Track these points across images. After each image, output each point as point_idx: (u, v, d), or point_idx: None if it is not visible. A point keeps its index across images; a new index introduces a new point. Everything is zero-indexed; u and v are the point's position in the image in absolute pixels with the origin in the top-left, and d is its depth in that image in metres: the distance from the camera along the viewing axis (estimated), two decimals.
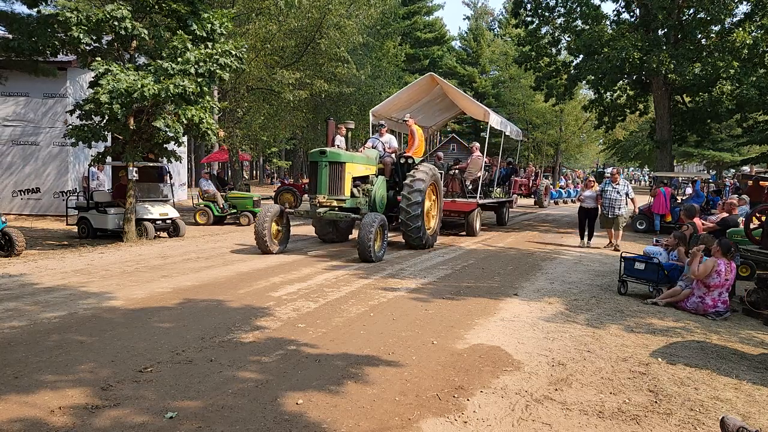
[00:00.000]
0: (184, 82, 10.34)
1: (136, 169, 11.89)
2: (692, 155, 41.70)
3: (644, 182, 67.58)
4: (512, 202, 19.64)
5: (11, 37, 11.36)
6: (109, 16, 10.50)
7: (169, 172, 14.35)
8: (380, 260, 9.68)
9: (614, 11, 20.24)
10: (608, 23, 19.84)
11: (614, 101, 22.12)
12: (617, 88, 21.29)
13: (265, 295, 6.92)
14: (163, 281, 7.60)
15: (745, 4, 17.31)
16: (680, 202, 16.60)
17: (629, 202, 12.26)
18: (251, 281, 7.73)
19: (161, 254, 10.02)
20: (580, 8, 19.20)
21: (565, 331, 5.74)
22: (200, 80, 10.83)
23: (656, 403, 3.99)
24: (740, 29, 16.09)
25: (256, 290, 7.18)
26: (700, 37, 18.04)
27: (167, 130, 11.54)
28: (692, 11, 17.50)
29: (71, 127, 11.26)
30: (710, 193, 18.46)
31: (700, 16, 17.22)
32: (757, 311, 6.73)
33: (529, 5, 20.63)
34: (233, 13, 14.58)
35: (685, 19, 17.72)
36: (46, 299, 6.44)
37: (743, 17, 17.25)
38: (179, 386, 3.99)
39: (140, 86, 10.08)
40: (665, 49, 17.11)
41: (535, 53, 21.13)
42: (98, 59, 10.85)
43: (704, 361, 4.95)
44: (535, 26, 20.96)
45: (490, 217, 17.60)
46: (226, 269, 8.60)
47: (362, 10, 24.31)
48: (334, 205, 10.05)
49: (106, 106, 10.11)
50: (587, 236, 12.76)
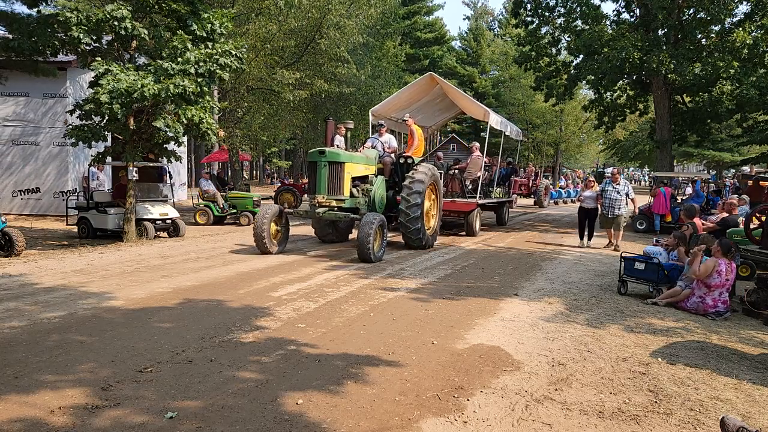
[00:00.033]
0: (184, 82, 10.35)
1: (136, 169, 11.90)
2: (692, 155, 41.70)
3: (644, 182, 67.56)
4: (512, 202, 19.64)
5: (11, 37, 11.37)
6: (109, 16, 10.50)
7: (169, 172, 14.35)
8: (379, 260, 9.67)
9: (614, 11, 20.27)
10: (608, 23, 19.85)
11: (614, 101, 22.12)
12: (617, 88, 21.28)
13: (265, 295, 6.92)
14: (163, 281, 7.60)
15: (745, 4, 17.34)
16: (680, 202, 16.61)
17: (629, 202, 12.26)
18: (251, 281, 7.73)
19: (161, 254, 10.02)
20: (580, 8, 19.21)
21: (565, 331, 5.74)
22: (200, 80, 10.84)
23: (656, 403, 3.99)
24: (740, 29, 16.09)
25: (256, 290, 7.18)
26: (700, 37, 18.04)
27: (167, 130, 11.54)
28: (692, 11, 17.51)
29: (71, 127, 11.27)
30: (710, 193, 18.45)
31: (700, 16, 17.23)
32: (757, 311, 6.73)
33: (529, 5, 20.63)
34: (233, 13, 14.59)
35: (685, 19, 17.72)
36: (46, 299, 6.44)
37: (743, 17, 17.25)
38: (179, 386, 3.99)
39: (140, 86, 10.09)
40: (665, 49, 17.12)
41: (535, 53, 21.13)
42: (98, 59, 10.86)
43: (704, 361, 4.95)
44: (535, 26, 20.97)
45: (490, 217, 17.60)
46: (226, 269, 8.60)
47: (362, 10, 24.31)
48: (333, 205, 10.04)
49: (106, 106, 10.12)
50: (587, 236, 12.76)
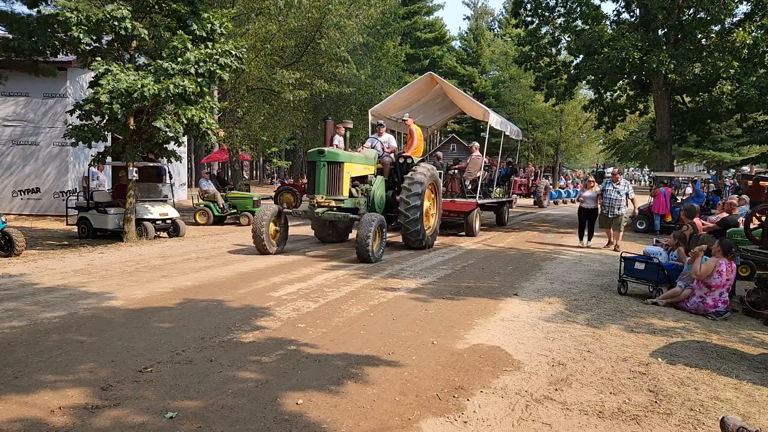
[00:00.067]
0: (184, 82, 10.35)
1: (136, 169, 11.90)
2: (692, 155, 41.70)
3: (644, 182, 67.54)
4: (512, 202, 19.64)
5: (11, 37, 11.37)
6: (109, 16, 10.50)
7: (169, 172, 14.36)
8: (379, 261, 9.66)
9: (614, 11, 20.26)
10: (608, 23, 19.84)
11: (614, 101, 22.11)
12: (617, 88, 21.28)
13: (265, 295, 6.92)
14: (163, 281, 7.60)
15: (745, 4, 17.33)
16: (680, 202, 16.61)
17: (629, 202, 12.25)
18: (251, 281, 7.73)
19: (161, 254, 10.02)
20: (580, 8, 19.20)
21: (565, 331, 5.74)
22: (200, 80, 10.84)
23: (656, 403, 3.99)
24: (740, 29, 16.09)
25: (256, 290, 7.18)
26: (700, 37, 18.04)
27: (167, 130, 11.55)
28: (692, 11, 17.50)
29: (71, 127, 11.27)
30: (710, 193, 18.46)
31: (700, 16, 17.22)
32: (757, 311, 6.73)
33: (529, 5, 20.63)
34: (233, 13, 14.59)
35: (685, 19, 17.72)
36: (46, 299, 6.44)
37: (743, 17, 17.24)
38: (179, 386, 3.99)
39: (140, 86, 10.09)
40: (665, 49, 17.11)
41: (535, 53, 21.12)
42: (98, 59, 10.86)
43: (704, 361, 4.95)
44: (535, 26, 20.96)
45: (489, 217, 17.60)
46: (226, 269, 8.60)
47: (362, 10, 24.31)
48: (332, 205, 10.02)
49: (106, 106, 10.12)
50: (587, 237, 12.75)
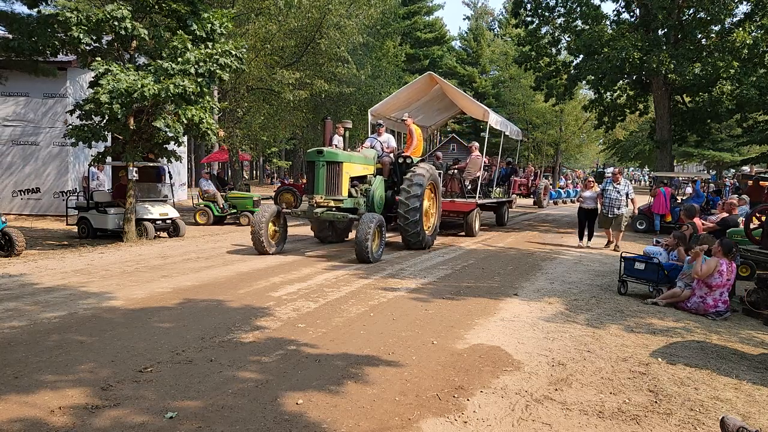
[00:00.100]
0: (184, 82, 10.35)
1: (136, 169, 11.90)
2: (692, 155, 41.69)
3: (644, 182, 67.53)
4: (511, 202, 19.64)
5: (11, 37, 11.37)
6: (109, 16, 10.50)
7: (169, 172, 14.36)
8: (378, 261, 9.64)
9: (614, 11, 20.26)
10: (608, 23, 19.84)
11: (614, 101, 22.11)
12: (617, 88, 21.28)
13: (265, 295, 6.93)
14: (163, 281, 7.60)
15: (745, 4, 17.33)
16: (680, 202, 16.61)
17: (629, 202, 12.24)
18: (251, 281, 7.73)
19: (161, 254, 10.02)
20: (580, 8, 19.20)
21: (565, 331, 5.74)
22: (200, 80, 10.84)
23: (656, 403, 3.99)
24: (740, 29, 16.09)
25: (256, 290, 7.18)
26: (700, 37, 18.04)
27: (167, 130, 11.55)
28: (692, 11, 17.50)
29: (71, 127, 11.27)
30: (710, 193, 18.46)
31: (700, 16, 17.22)
32: (757, 311, 6.73)
33: (529, 5, 20.63)
34: (233, 13, 14.59)
35: (685, 19, 17.72)
36: (46, 299, 6.44)
37: (743, 17, 17.24)
38: (179, 386, 3.99)
39: (140, 86, 10.09)
40: (665, 49, 17.11)
41: (535, 53, 21.12)
42: (98, 59, 10.86)
43: (704, 361, 4.95)
44: (535, 26, 20.96)
45: (489, 217, 17.60)
46: (226, 269, 8.60)
47: (362, 10, 24.30)
48: (331, 205, 9.99)
49: (106, 106, 10.12)
50: (587, 237, 12.75)
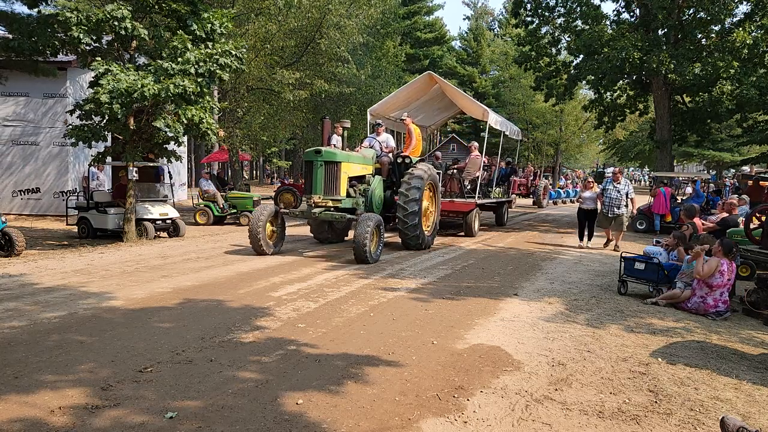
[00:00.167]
0: (184, 82, 10.34)
1: (136, 169, 11.90)
2: (692, 155, 41.67)
3: (644, 182, 67.52)
4: (511, 202, 19.63)
5: (11, 37, 11.37)
6: (109, 16, 10.50)
7: (169, 172, 14.37)
8: (376, 261, 9.60)
9: (614, 11, 20.27)
10: (608, 23, 19.84)
11: (614, 101, 22.11)
12: (617, 88, 21.28)
13: (265, 295, 6.93)
14: (163, 281, 7.60)
15: (745, 4, 17.33)
16: (680, 202, 16.61)
17: (629, 202, 12.23)
18: (251, 281, 7.73)
19: (161, 254, 10.02)
20: (580, 8, 19.20)
21: (565, 331, 5.74)
22: (200, 80, 10.84)
23: (656, 403, 3.99)
24: (740, 29, 16.09)
25: (256, 290, 7.18)
26: (700, 37, 18.05)
27: (167, 130, 11.55)
28: (692, 11, 17.50)
29: (71, 127, 11.27)
30: (710, 193, 18.45)
31: (700, 16, 17.23)
32: (757, 311, 6.73)
33: (529, 5, 20.63)
34: (233, 13, 14.59)
35: (685, 19, 17.72)
36: (46, 299, 6.44)
37: (743, 17, 17.25)
38: (179, 386, 3.99)
39: (140, 86, 10.09)
40: (665, 49, 17.11)
41: (535, 53, 21.12)
42: (98, 59, 10.86)
43: (704, 361, 4.95)
44: (535, 26, 20.96)
45: (489, 217, 17.60)
46: (226, 269, 8.60)
47: (362, 10, 24.29)
48: (329, 205, 9.95)
49: (106, 106, 10.11)
50: (587, 237, 12.74)
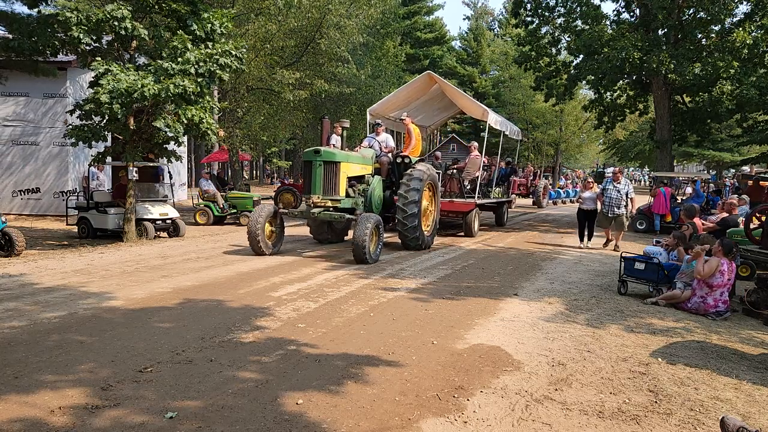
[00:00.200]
0: (184, 82, 10.34)
1: (136, 169, 11.90)
2: (692, 155, 41.65)
3: (644, 182, 67.51)
4: (511, 202, 19.62)
5: (11, 37, 11.37)
6: (109, 16, 10.50)
7: (169, 172, 14.37)
8: (376, 261, 9.58)
9: (614, 11, 20.26)
10: (608, 23, 19.83)
11: (614, 101, 22.11)
12: (617, 88, 21.27)
13: (265, 295, 6.93)
14: (163, 281, 7.60)
15: (745, 4, 17.33)
16: (680, 202, 16.61)
17: (629, 202, 12.22)
18: (251, 281, 7.73)
19: (161, 254, 10.02)
20: (580, 8, 19.20)
21: (565, 331, 5.74)
22: (200, 80, 10.84)
23: (656, 403, 3.99)
24: (740, 29, 16.08)
25: (256, 290, 7.18)
26: (700, 37, 18.04)
27: (167, 130, 11.55)
28: (692, 11, 17.50)
29: (71, 127, 11.27)
30: (710, 193, 18.45)
31: (700, 16, 17.22)
32: (757, 311, 6.73)
33: (529, 5, 20.63)
34: (233, 13, 14.58)
35: (685, 19, 17.71)
36: (46, 299, 6.44)
37: (743, 17, 17.24)
38: (179, 386, 3.99)
39: (140, 86, 10.09)
40: (665, 49, 17.11)
41: (535, 53, 21.12)
42: (98, 59, 10.86)
43: (704, 361, 4.95)
44: (535, 26, 20.96)
45: (489, 217, 17.60)
46: (226, 269, 8.60)
47: (362, 10, 24.29)
48: (328, 205, 9.92)
49: (106, 106, 10.11)
50: (587, 237, 12.74)
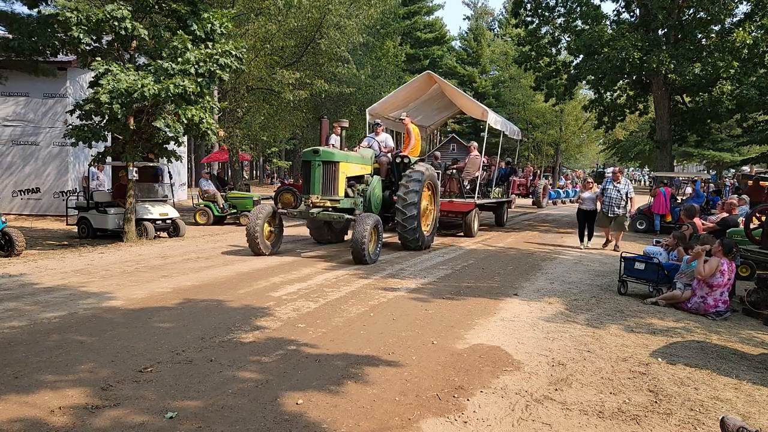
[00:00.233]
0: (184, 82, 10.34)
1: (136, 169, 11.90)
2: (692, 155, 41.66)
3: (644, 182, 67.50)
4: (511, 202, 19.61)
5: (11, 37, 11.37)
6: (109, 16, 10.50)
7: (169, 172, 14.37)
8: (375, 261, 9.56)
9: (614, 11, 20.27)
10: (608, 23, 19.84)
11: (614, 101, 22.11)
12: (617, 88, 21.28)
13: (265, 295, 6.93)
14: (163, 281, 7.60)
15: (745, 4, 17.35)
16: (680, 202, 16.60)
17: (629, 201, 12.22)
18: (251, 281, 7.73)
19: (161, 254, 10.02)
20: (580, 8, 19.21)
21: (565, 331, 5.74)
22: (200, 80, 10.84)
23: (656, 403, 3.99)
24: (740, 29, 16.09)
25: (256, 290, 7.18)
26: (700, 37, 18.05)
27: (167, 130, 11.55)
28: (692, 11, 17.50)
29: (71, 127, 11.27)
30: (710, 193, 18.45)
31: (700, 16, 17.23)
32: (757, 311, 6.73)
33: (529, 5, 20.64)
34: (233, 13, 14.58)
35: (685, 19, 17.72)
36: (46, 299, 6.44)
37: (743, 17, 17.25)
38: (179, 386, 3.99)
39: (140, 86, 10.09)
40: (665, 49, 17.12)
41: (535, 53, 21.12)
42: (98, 59, 10.86)
43: (704, 361, 4.95)
44: (535, 26, 20.96)
45: (488, 217, 17.60)
46: (226, 269, 8.60)
47: (362, 10, 24.28)
48: (327, 205, 9.89)
49: (106, 106, 10.11)
50: (587, 237, 12.73)
